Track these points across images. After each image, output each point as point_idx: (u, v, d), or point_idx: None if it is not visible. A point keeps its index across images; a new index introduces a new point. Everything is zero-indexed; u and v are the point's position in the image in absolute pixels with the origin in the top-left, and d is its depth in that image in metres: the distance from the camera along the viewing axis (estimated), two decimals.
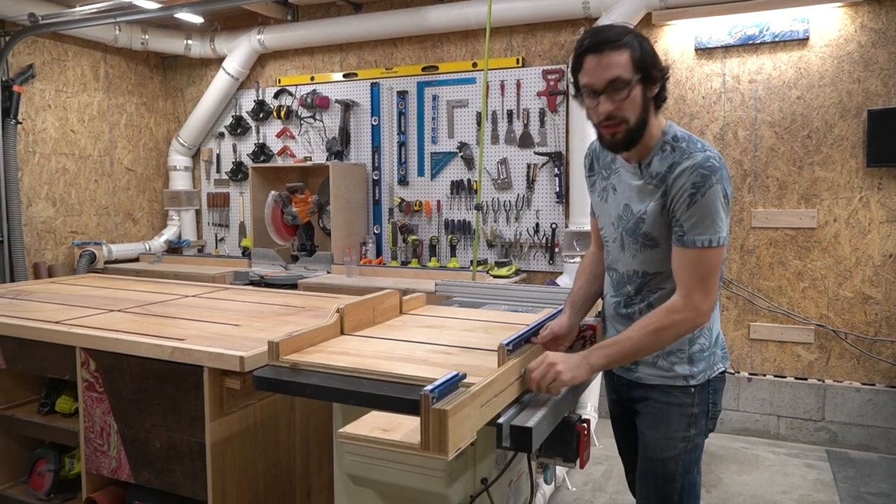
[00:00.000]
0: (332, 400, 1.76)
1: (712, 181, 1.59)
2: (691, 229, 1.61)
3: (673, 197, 1.63)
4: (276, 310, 2.82)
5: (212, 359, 2.11)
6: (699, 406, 1.77)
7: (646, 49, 1.62)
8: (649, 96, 1.65)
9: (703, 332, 1.78)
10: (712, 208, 1.59)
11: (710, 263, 1.61)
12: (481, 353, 1.95)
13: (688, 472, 1.79)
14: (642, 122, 1.65)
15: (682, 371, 1.76)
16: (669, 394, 1.77)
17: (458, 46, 4.65)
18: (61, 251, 4.94)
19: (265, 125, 5.32)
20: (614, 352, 1.65)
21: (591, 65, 1.62)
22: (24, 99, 4.59)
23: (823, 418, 3.85)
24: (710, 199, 1.59)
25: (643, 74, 1.61)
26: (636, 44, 1.61)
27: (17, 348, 2.56)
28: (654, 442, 1.80)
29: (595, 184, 1.92)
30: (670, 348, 1.75)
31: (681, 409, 1.77)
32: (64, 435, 2.54)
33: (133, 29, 5.02)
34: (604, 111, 1.63)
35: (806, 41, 3.77)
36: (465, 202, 4.67)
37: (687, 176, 1.60)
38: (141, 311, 2.76)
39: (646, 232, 1.71)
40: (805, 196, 3.84)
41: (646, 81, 1.62)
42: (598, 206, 1.90)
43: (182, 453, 2.22)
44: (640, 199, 1.72)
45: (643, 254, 1.74)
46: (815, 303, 3.86)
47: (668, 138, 1.70)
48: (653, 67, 1.62)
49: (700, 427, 1.78)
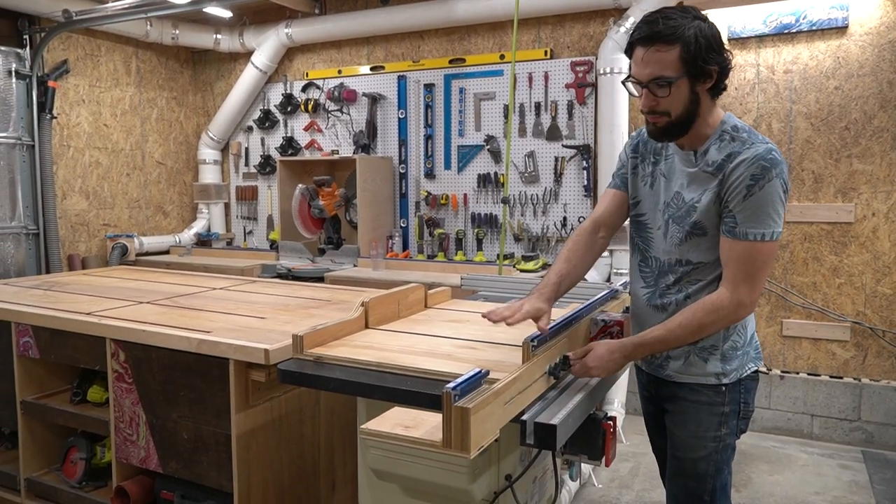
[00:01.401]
0: (356, 394, 1.75)
1: (772, 174, 1.55)
2: (745, 221, 1.57)
3: (729, 187, 1.59)
4: (302, 303, 2.83)
5: (237, 351, 2.12)
6: (730, 405, 1.74)
7: (701, 42, 1.55)
8: (699, 91, 1.60)
9: (738, 330, 1.74)
10: (770, 202, 1.56)
11: (760, 258, 1.58)
12: (507, 348, 1.93)
13: (719, 472, 1.75)
14: (688, 116, 1.62)
15: (714, 369, 1.73)
16: (699, 392, 1.74)
17: (486, 38, 4.61)
18: (94, 243, 5.03)
19: (293, 119, 5.35)
20: (657, 346, 1.68)
21: (638, 56, 1.60)
22: (58, 94, 4.68)
23: (859, 418, 3.75)
24: (769, 193, 1.55)
25: (692, 71, 1.56)
26: (691, 37, 1.54)
27: (51, 339, 2.61)
28: (684, 441, 1.77)
29: (637, 167, 1.86)
30: (703, 344, 1.73)
31: (711, 407, 1.74)
32: (95, 424, 2.58)
33: (164, 24, 5.07)
34: (644, 105, 1.63)
35: (845, 29, 3.65)
36: (491, 195, 4.63)
37: (746, 167, 1.56)
38: (169, 303, 2.79)
39: (696, 221, 1.67)
40: (842, 189, 3.73)
41: (695, 77, 1.58)
42: (642, 192, 1.85)
43: (208, 444, 2.25)
44: (693, 186, 1.68)
45: (689, 242, 1.70)
46: (851, 299, 3.75)
47: (727, 128, 1.66)
48: (706, 62, 1.57)
49: (731, 427, 1.75)
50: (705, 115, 1.64)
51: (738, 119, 1.69)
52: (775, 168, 1.55)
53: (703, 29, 1.56)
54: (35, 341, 2.65)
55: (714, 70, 1.58)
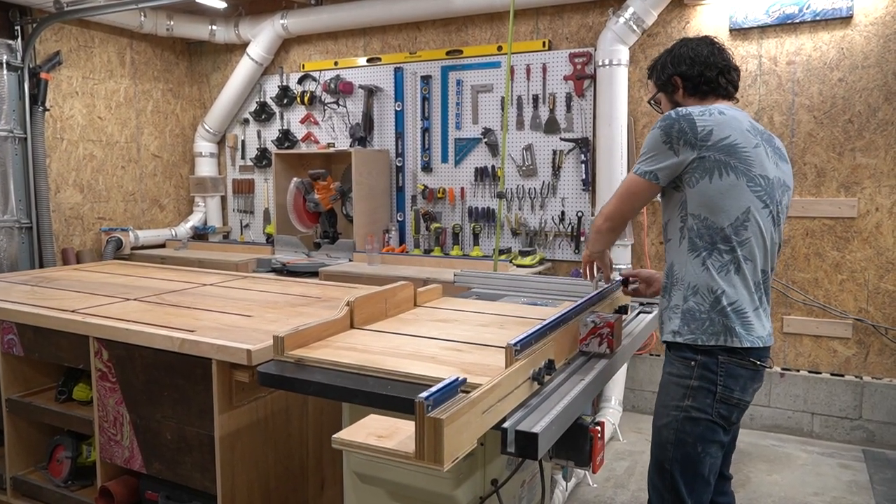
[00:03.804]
0: (336, 399, 1.71)
1: (655, 124, 1.85)
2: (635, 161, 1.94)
3: None
4: (291, 300, 2.78)
5: (219, 351, 2.08)
6: (699, 381, 1.81)
7: (665, 64, 2.00)
8: (676, 97, 1.99)
9: (700, 291, 1.82)
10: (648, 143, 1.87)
11: (625, 184, 1.94)
12: (493, 350, 1.88)
13: (681, 443, 1.82)
14: None
15: (672, 327, 1.86)
16: (672, 364, 1.87)
17: (483, 29, 4.53)
18: (89, 237, 5.00)
19: (289, 111, 5.28)
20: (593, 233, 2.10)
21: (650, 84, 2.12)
22: (51, 86, 4.63)
23: (860, 416, 3.69)
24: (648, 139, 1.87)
25: (662, 86, 2.02)
26: (659, 66, 2.03)
27: (34, 337, 2.57)
28: (656, 410, 1.92)
29: None
30: (670, 304, 1.89)
31: (679, 379, 1.84)
32: (80, 423, 2.55)
33: (158, 15, 5.01)
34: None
35: (849, 19, 3.57)
36: (489, 189, 4.57)
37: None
38: (157, 300, 2.75)
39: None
40: (845, 184, 3.65)
41: (666, 89, 2.01)
42: None
43: (192, 446, 2.21)
44: None
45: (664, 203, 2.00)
46: (853, 296, 3.69)
47: None
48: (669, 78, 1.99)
49: (701, 403, 1.80)
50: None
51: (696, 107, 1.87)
52: (667, 120, 1.82)
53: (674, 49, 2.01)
54: (19, 339, 2.61)
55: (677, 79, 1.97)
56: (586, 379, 1.71)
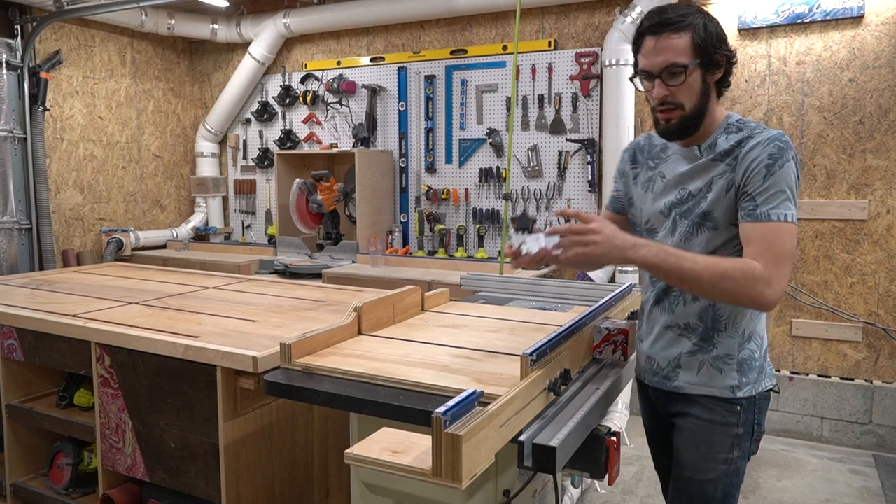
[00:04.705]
0: (346, 409, 1.66)
1: (789, 155, 1.49)
2: (766, 202, 1.47)
3: (746, 169, 1.51)
4: (296, 304, 2.74)
5: (224, 358, 2.03)
6: (744, 426, 1.62)
7: (710, 31, 1.53)
8: (709, 82, 1.56)
9: (755, 339, 1.65)
10: (788, 182, 1.48)
11: (785, 240, 1.45)
12: (506, 358, 1.83)
13: (727, 497, 1.65)
14: (700, 109, 1.56)
15: (730, 381, 1.61)
16: (713, 410, 1.62)
17: (488, 29, 4.48)
18: (90, 238, 4.95)
19: (291, 111, 5.24)
20: (672, 262, 1.44)
21: (648, 47, 1.55)
22: (51, 85, 4.58)
23: (871, 421, 3.65)
24: (787, 173, 1.47)
25: (704, 59, 1.52)
26: (700, 24, 1.52)
27: (35, 341, 2.52)
28: (693, 462, 1.66)
29: (639, 175, 1.79)
30: (718, 353, 1.62)
31: (725, 428, 1.62)
32: (81, 430, 2.50)
33: (159, 13, 4.96)
34: (657, 95, 1.55)
35: (861, 19, 3.52)
36: (493, 190, 4.53)
37: (763, 147, 1.50)
38: (159, 303, 2.71)
39: (706, 211, 1.57)
40: (855, 185, 3.61)
41: (707, 66, 1.54)
42: (642, 198, 1.76)
43: (196, 454, 2.16)
44: (699, 177, 1.61)
45: (698, 237, 1.60)
46: (863, 299, 3.64)
47: (733, 121, 1.61)
48: (716, 51, 1.54)
49: (744, 449, 1.64)
50: (713, 110, 1.59)
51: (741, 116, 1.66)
52: (791, 150, 1.50)
53: (708, 18, 1.56)
54: (19, 344, 2.56)
55: (723, 60, 1.55)
56: (601, 388, 1.67)
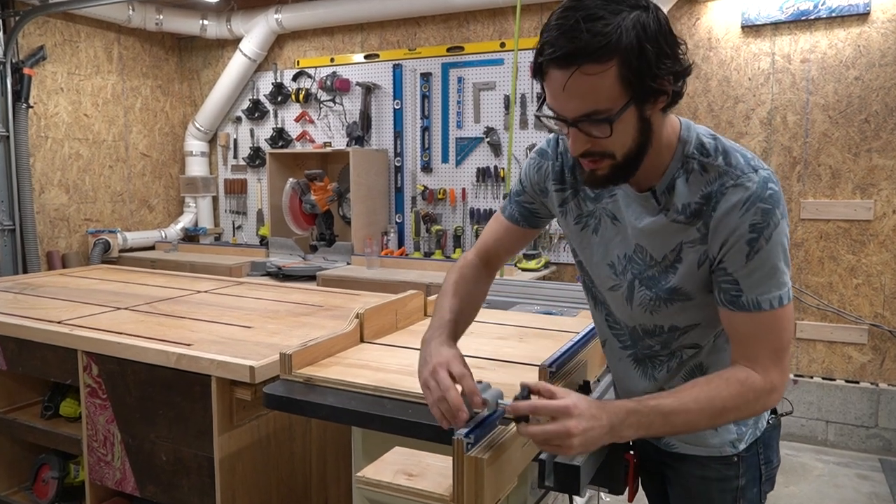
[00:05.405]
0: (352, 423, 1.57)
1: (776, 218, 1.10)
2: (754, 287, 1.12)
3: (724, 243, 1.13)
4: (292, 309, 2.63)
5: (220, 368, 1.93)
6: (746, 475, 1.35)
7: (647, 49, 1.01)
8: (650, 115, 1.08)
9: None
10: (778, 254, 1.12)
11: (782, 330, 1.14)
12: (518, 367, 1.75)
13: None
14: (638, 151, 1.11)
15: (728, 436, 1.33)
16: (706, 466, 1.35)
17: (486, 25, 4.39)
18: (75, 239, 4.81)
19: (283, 109, 5.12)
20: (660, 429, 1.12)
21: (555, 83, 1.04)
22: (35, 82, 4.44)
23: (876, 424, 3.59)
24: (774, 246, 1.11)
25: (639, 92, 1.04)
26: (631, 42, 1.00)
27: (18, 349, 2.40)
28: None
29: (567, 204, 1.34)
30: None
31: (722, 483, 1.36)
32: (67, 443, 2.39)
33: (147, 8, 4.83)
34: (576, 150, 1.10)
35: (866, 16, 3.46)
36: (491, 190, 4.44)
37: (740, 215, 1.10)
38: (149, 309, 2.59)
39: (675, 287, 1.21)
40: (861, 185, 3.55)
41: (644, 99, 1.05)
42: (580, 238, 1.34)
43: (189, 468, 2.06)
44: (661, 239, 1.20)
45: (668, 308, 1.24)
46: (869, 301, 3.59)
47: (691, 150, 1.16)
48: (658, 75, 1.04)
49: (751, 497, 1.37)
50: (658, 138, 1.13)
51: (701, 128, 1.19)
52: (778, 208, 1.10)
53: (646, 23, 1.02)
54: (2, 352, 2.44)
55: (669, 83, 1.06)
56: None
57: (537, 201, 1.41)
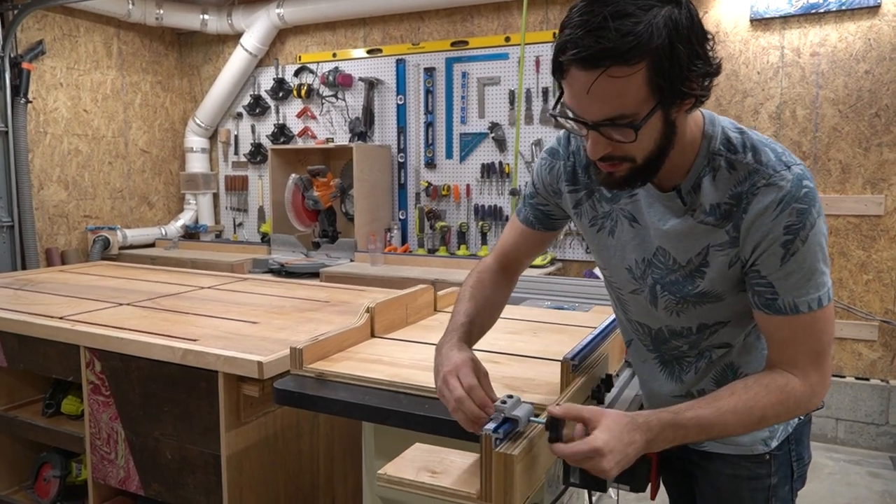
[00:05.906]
0: (367, 419, 1.52)
1: (812, 217, 1.03)
2: (791, 290, 1.07)
3: (756, 247, 1.07)
4: (298, 304, 2.59)
5: (227, 363, 1.88)
6: (778, 473, 1.32)
7: (679, 51, 0.95)
8: (675, 117, 1.02)
9: None
10: (816, 256, 1.06)
11: (824, 330, 1.09)
12: (534, 362, 1.70)
13: None
14: (660, 153, 1.04)
15: (760, 435, 1.29)
16: (737, 465, 1.32)
17: (490, 19, 4.35)
18: (74, 236, 4.76)
19: (285, 105, 5.07)
20: (693, 436, 1.08)
21: (577, 83, 0.97)
22: (34, 77, 4.39)
23: (887, 422, 3.55)
24: (812, 246, 1.04)
25: (668, 96, 0.97)
26: (664, 45, 0.93)
27: (19, 346, 2.35)
28: None
29: (581, 204, 1.29)
30: None
31: (754, 482, 1.32)
32: (69, 440, 2.34)
33: (147, 3, 4.78)
34: (595, 154, 1.04)
35: (877, 9, 3.42)
36: (496, 186, 4.39)
37: (774, 217, 1.04)
38: (152, 304, 2.54)
39: (704, 291, 1.16)
40: (871, 180, 3.51)
41: (671, 102, 0.99)
42: (597, 240, 1.29)
43: (195, 466, 2.01)
44: (687, 242, 1.14)
45: (697, 309, 1.20)
46: (879, 297, 3.55)
47: (717, 146, 1.10)
48: (688, 77, 0.98)
49: (783, 496, 1.34)
50: (682, 137, 1.07)
51: (727, 121, 1.15)
52: (814, 205, 1.04)
53: (678, 20, 0.95)
54: (2, 348, 2.39)
55: (698, 86, 1.01)
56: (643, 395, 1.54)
57: (551, 203, 1.36)
